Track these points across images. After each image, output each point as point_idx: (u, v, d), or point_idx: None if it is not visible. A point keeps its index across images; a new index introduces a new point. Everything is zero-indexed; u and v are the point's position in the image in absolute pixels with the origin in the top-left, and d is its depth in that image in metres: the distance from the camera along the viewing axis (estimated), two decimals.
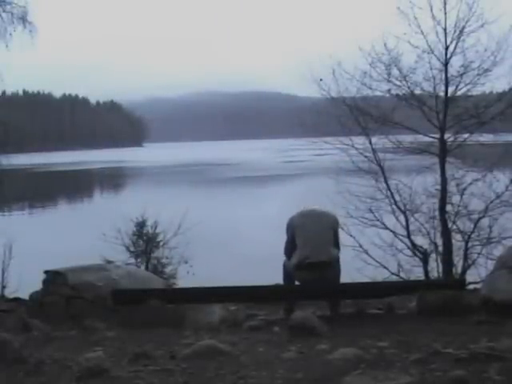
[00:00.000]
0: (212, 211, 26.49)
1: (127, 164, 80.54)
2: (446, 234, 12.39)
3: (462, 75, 12.49)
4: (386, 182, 13.10)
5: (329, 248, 6.24)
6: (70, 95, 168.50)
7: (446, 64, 12.52)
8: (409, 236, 12.75)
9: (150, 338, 4.99)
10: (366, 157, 13.32)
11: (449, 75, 12.55)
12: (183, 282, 12.15)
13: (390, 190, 13.00)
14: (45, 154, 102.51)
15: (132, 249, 13.38)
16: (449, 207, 12.55)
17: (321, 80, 13.29)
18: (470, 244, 12.36)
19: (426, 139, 13.50)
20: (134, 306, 5.79)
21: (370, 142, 13.29)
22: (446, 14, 12.33)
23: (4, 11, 14.14)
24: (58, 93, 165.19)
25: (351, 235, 12.27)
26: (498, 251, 10.30)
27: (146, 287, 6.39)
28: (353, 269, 9.81)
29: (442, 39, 12.44)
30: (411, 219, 12.85)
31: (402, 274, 12.24)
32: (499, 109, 12.49)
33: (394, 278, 11.85)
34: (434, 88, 12.72)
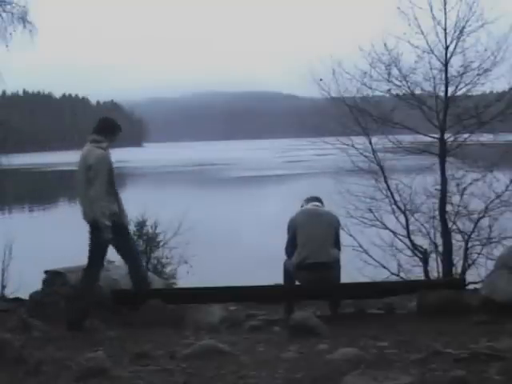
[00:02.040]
0: (212, 211, 26.49)
1: (127, 164, 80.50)
2: (446, 234, 12.39)
3: (462, 75, 12.50)
4: (385, 181, 13.11)
5: (329, 248, 6.23)
6: (70, 95, 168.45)
7: (446, 64, 12.52)
8: (409, 236, 12.76)
9: (150, 338, 4.98)
10: (366, 157, 13.33)
11: (449, 75, 12.56)
12: (183, 281, 12.15)
13: (389, 189, 13.01)
14: (45, 154, 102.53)
15: None
16: (449, 207, 12.56)
17: (321, 80, 13.32)
18: (470, 244, 12.37)
19: (426, 139, 13.51)
20: (134, 305, 5.78)
21: (370, 142, 13.31)
22: (445, 14, 12.36)
23: (4, 11, 14.12)
24: (58, 93, 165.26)
25: (351, 235, 12.28)
26: (497, 251, 10.30)
27: None
28: (353, 269, 9.81)
29: (442, 39, 12.46)
30: (411, 219, 12.86)
31: (401, 274, 12.25)
32: (499, 109, 12.50)
33: (394, 278, 11.85)
34: (434, 88, 12.73)
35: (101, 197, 5.86)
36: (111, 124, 6.27)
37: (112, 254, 12.52)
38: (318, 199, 6.64)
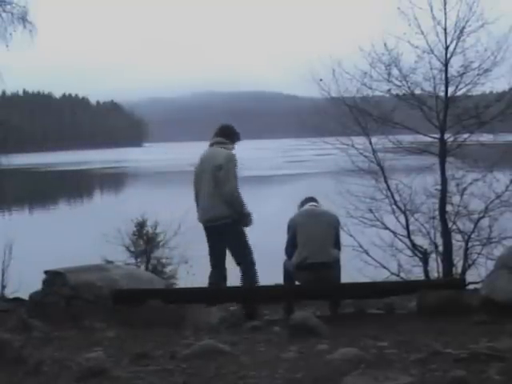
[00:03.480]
0: None
1: (127, 164, 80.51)
2: (446, 234, 12.40)
3: (462, 75, 12.51)
4: (385, 182, 13.12)
5: (329, 248, 6.24)
6: (70, 95, 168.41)
7: (446, 64, 12.53)
8: (409, 236, 12.76)
9: (150, 338, 4.98)
10: (366, 157, 13.34)
11: (449, 75, 12.57)
12: (183, 282, 12.15)
13: (390, 190, 13.02)
14: (45, 154, 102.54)
15: (132, 249, 13.39)
16: (449, 207, 12.57)
17: (321, 80, 13.33)
18: (470, 244, 12.38)
19: (426, 139, 13.52)
20: (134, 305, 5.78)
21: (370, 142, 13.31)
22: (446, 14, 12.39)
23: (4, 11, 14.11)
24: (58, 93, 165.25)
25: (351, 235, 12.28)
26: (498, 251, 10.31)
27: (146, 287, 6.38)
28: (353, 269, 9.81)
29: (442, 39, 12.47)
30: (411, 219, 12.86)
31: (402, 274, 12.25)
32: (499, 109, 12.51)
33: (394, 278, 11.85)
34: (434, 88, 12.75)
35: (237, 190, 6.27)
36: (233, 131, 6.79)
37: (111, 254, 12.53)
38: (313, 199, 6.66)
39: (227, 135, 6.65)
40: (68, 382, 3.70)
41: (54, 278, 6.10)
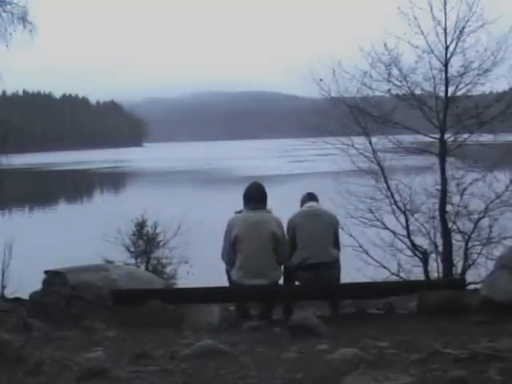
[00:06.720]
0: (212, 211, 26.45)
1: (127, 164, 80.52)
2: (446, 234, 12.40)
3: (462, 75, 12.52)
4: (386, 182, 13.12)
5: (329, 248, 6.24)
6: (70, 95, 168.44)
7: (446, 64, 12.54)
8: (409, 236, 12.77)
9: (149, 338, 4.98)
10: (366, 157, 13.34)
11: (449, 75, 12.58)
12: (183, 281, 12.16)
13: (390, 190, 13.02)
14: (45, 154, 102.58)
15: (132, 249, 13.40)
16: (449, 207, 12.57)
17: (321, 80, 13.33)
18: (470, 244, 12.38)
19: (426, 139, 13.52)
20: (134, 305, 5.78)
21: (370, 142, 13.32)
22: (446, 14, 12.40)
23: (4, 11, 14.15)
24: (58, 93, 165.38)
25: (351, 235, 12.29)
26: (498, 251, 10.30)
27: (146, 287, 6.38)
28: (353, 269, 9.81)
29: (442, 39, 12.48)
30: (411, 219, 12.86)
31: (402, 274, 12.25)
32: (499, 109, 12.51)
33: (394, 278, 11.86)
34: (434, 88, 12.75)
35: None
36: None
37: (111, 254, 12.50)
38: (312, 196, 6.65)
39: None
40: (68, 382, 3.70)
41: (54, 278, 6.10)
